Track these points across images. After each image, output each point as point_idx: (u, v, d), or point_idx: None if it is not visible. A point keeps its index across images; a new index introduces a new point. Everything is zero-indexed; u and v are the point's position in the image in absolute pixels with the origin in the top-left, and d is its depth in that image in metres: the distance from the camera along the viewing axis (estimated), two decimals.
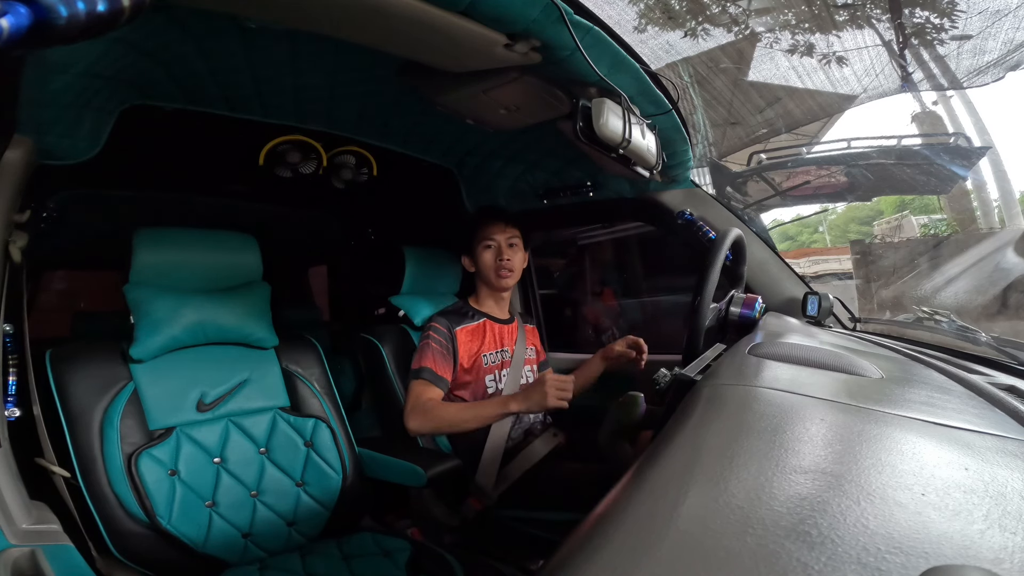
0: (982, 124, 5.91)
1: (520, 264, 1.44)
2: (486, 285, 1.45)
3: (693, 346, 0.80)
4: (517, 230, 1.44)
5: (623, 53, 0.87)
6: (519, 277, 1.46)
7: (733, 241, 0.93)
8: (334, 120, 1.30)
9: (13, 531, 0.69)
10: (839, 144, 4.68)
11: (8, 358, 0.82)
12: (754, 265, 1.35)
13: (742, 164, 4.46)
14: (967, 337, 0.97)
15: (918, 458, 0.31)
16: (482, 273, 1.43)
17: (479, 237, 1.42)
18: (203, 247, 1.14)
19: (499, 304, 1.48)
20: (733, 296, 0.99)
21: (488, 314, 1.44)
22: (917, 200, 9.69)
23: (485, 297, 1.47)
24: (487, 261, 1.41)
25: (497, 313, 1.47)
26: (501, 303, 1.48)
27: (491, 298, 1.46)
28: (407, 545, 1.03)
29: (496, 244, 1.41)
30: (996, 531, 0.22)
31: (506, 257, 1.39)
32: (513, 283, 1.44)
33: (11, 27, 0.33)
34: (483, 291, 1.47)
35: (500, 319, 1.46)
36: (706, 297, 0.82)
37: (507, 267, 1.40)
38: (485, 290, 1.46)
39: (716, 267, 0.84)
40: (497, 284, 1.42)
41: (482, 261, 1.42)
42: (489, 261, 1.41)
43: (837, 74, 5.33)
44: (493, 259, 1.40)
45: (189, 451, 1.02)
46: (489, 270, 1.41)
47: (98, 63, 0.85)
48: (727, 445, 0.32)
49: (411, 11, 0.69)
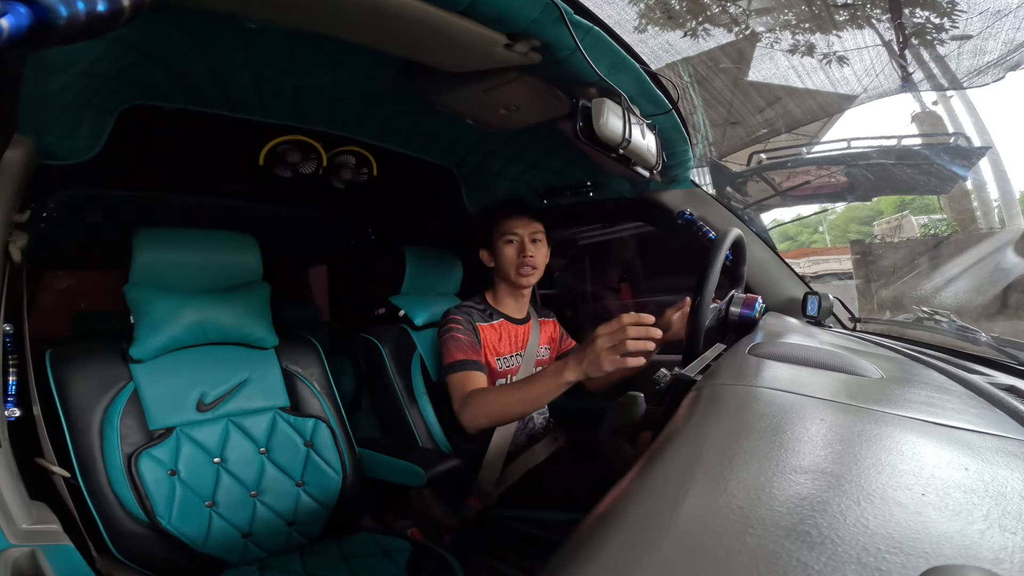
0: (982, 124, 5.91)
1: (543, 261, 1.36)
2: (505, 282, 1.37)
3: (693, 346, 0.80)
4: (541, 224, 1.36)
5: (623, 53, 0.87)
6: (541, 275, 1.38)
7: (733, 241, 0.93)
8: (334, 120, 1.30)
9: (13, 531, 0.69)
10: (839, 144, 4.68)
11: (8, 358, 0.82)
12: (754, 265, 1.35)
13: (742, 164, 4.45)
14: (967, 337, 0.97)
15: (918, 458, 0.31)
16: (502, 269, 1.35)
17: (500, 231, 1.33)
18: (203, 247, 1.14)
19: (518, 302, 1.40)
20: (733, 296, 0.99)
21: (505, 314, 1.38)
22: (917, 200, 9.69)
23: (504, 295, 1.39)
24: (509, 257, 1.33)
25: (514, 313, 1.40)
26: (520, 301, 1.40)
27: (510, 296, 1.39)
28: (407, 545, 1.03)
29: (519, 239, 1.32)
30: (996, 531, 0.22)
31: (529, 253, 1.31)
32: (535, 281, 1.37)
33: (11, 27, 0.33)
34: (502, 288, 1.39)
35: (517, 319, 1.39)
36: (706, 297, 0.82)
37: (530, 264, 1.31)
38: (504, 287, 1.38)
39: (716, 267, 0.84)
40: (518, 282, 1.34)
41: (503, 257, 1.33)
42: (511, 257, 1.32)
43: (837, 74, 5.33)
44: (515, 255, 1.32)
45: (189, 451, 1.02)
46: (510, 267, 1.33)
47: (98, 63, 0.85)
48: (727, 445, 0.32)
49: (411, 11, 0.69)
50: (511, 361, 1.34)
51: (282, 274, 2.92)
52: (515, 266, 1.32)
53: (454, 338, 1.23)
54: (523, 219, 1.34)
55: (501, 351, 1.33)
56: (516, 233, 1.33)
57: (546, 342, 1.44)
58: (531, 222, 1.35)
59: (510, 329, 1.36)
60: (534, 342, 1.39)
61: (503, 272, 1.35)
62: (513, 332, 1.37)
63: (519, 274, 1.32)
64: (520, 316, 1.40)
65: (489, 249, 1.37)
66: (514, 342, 1.36)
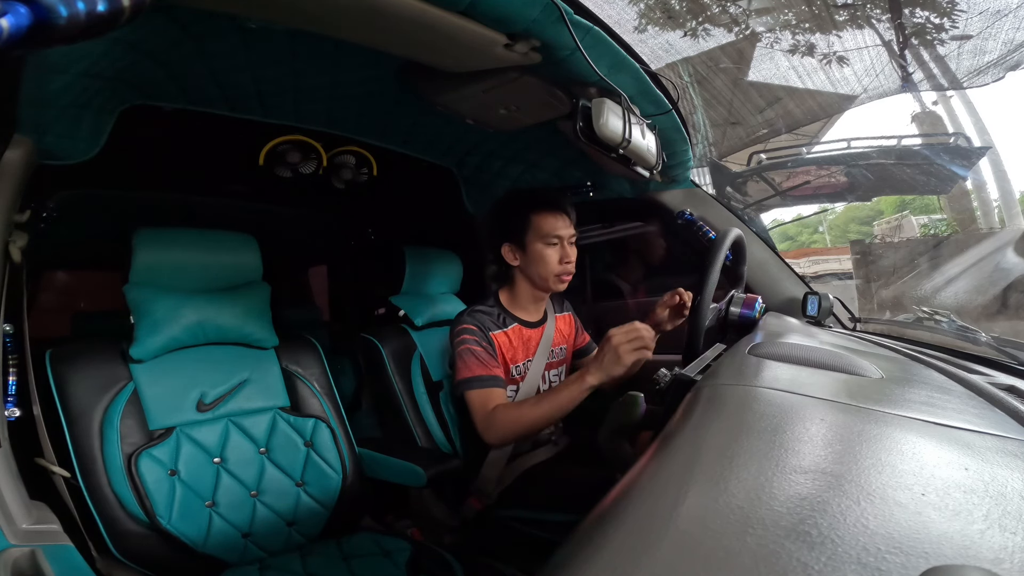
0: (982, 124, 5.91)
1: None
2: (533, 285, 1.25)
3: (693, 346, 0.80)
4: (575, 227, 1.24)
5: (623, 53, 0.87)
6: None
7: (733, 241, 0.93)
8: (334, 120, 1.30)
9: (13, 531, 0.69)
10: (839, 144, 4.68)
11: (8, 358, 0.82)
12: (754, 265, 1.35)
13: (742, 164, 4.45)
14: (967, 337, 0.97)
15: (918, 458, 0.31)
16: (536, 272, 1.21)
17: (540, 230, 1.19)
18: (203, 247, 1.14)
19: (536, 305, 1.29)
20: (733, 296, 0.99)
21: (520, 318, 1.26)
22: (917, 200, 9.69)
23: (524, 297, 1.27)
24: (550, 261, 1.19)
25: (530, 316, 1.29)
26: (539, 303, 1.29)
27: (530, 298, 1.27)
28: (407, 545, 1.03)
29: (561, 242, 1.19)
30: (996, 531, 0.22)
31: (570, 258, 1.20)
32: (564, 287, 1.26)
33: (11, 27, 0.33)
34: (524, 290, 1.26)
35: (531, 322, 1.28)
36: (706, 297, 0.82)
37: (569, 271, 1.20)
38: (527, 289, 1.26)
39: (716, 267, 0.84)
40: (555, 287, 1.23)
41: (542, 259, 1.19)
42: (552, 261, 1.19)
43: (837, 74, 5.33)
44: (557, 260, 1.19)
45: (189, 451, 1.02)
46: (549, 272, 1.20)
47: (98, 63, 0.85)
48: (727, 445, 0.32)
49: (411, 11, 0.69)
50: (521, 369, 1.26)
51: (282, 274, 2.92)
52: (555, 273, 1.20)
53: (470, 351, 1.15)
54: (565, 219, 1.21)
55: (515, 359, 1.24)
56: (559, 235, 1.19)
57: (561, 341, 1.34)
58: (571, 223, 1.22)
59: (523, 334, 1.27)
60: (546, 344, 1.29)
61: (537, 275, 1.22)
62: (526, 337, 1.27)
63: (559, 280, 1.21)
64: (535, 319, 1.30)
65: (519, 245, 1.22)
66: (526, 348, 1.27)
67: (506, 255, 1.24)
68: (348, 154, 1.49)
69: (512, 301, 1.28)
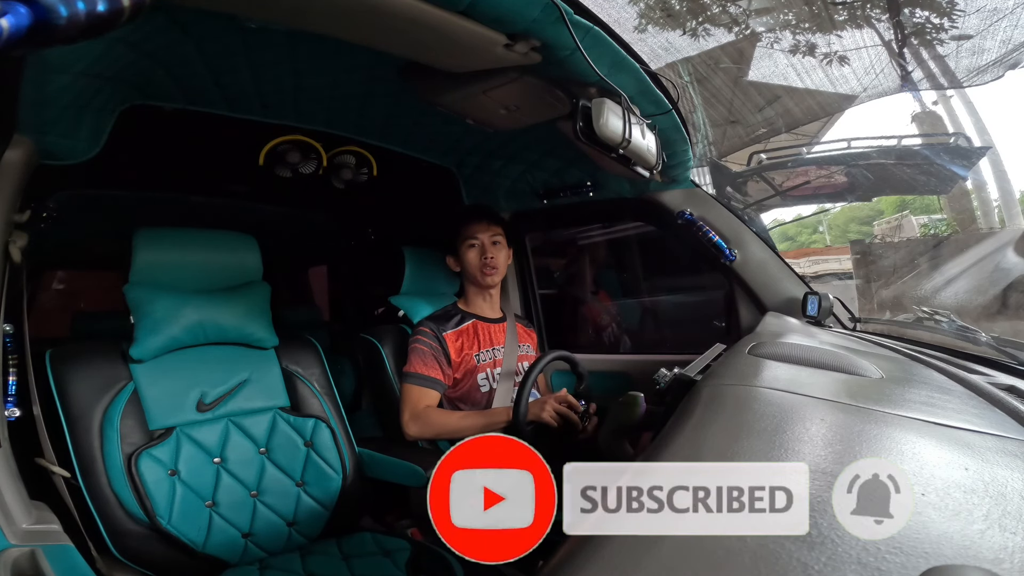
0: (982, 124, 5.91)
1: (504, 261, 1.45)
2: (473, 284, 1.47)
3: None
4: (500, 228, 1.45)
5: (623, 53, 0.87)
6: (504, 274, 1.48)
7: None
8: (334, 120, 1.30)
9: (13, 531, 0.69)
10: (839, 144, 4.68)
11: (8, 358, 0.82)
12: (754, 265, 1.35)
13: (742, 164, 4.45)
14: (967, 337, 0.97)
15: (918, 458, 0.31)
16: (467, 272, 1.44)
17: (463, 236, 1.43)
18: (203, 247, 1.14)
19: (489, 302, 1.48)
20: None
21: (477, 314, 1.45)
22: (917, 200, 9.68)
23: (474, 296, 1.48)
24: (472, 260, 1.42)
25: (487, 312, 1.48)
26: (490, 301, 1.49)
27: (479, 297, 1.47)
28: (407, 545, 1.03)
29: (480, 243, 1.42)
30: (996, 531, 0.22)
31: (490, 255, 1.41)
32: (498, 280, 1.46)
33: (11, 27, 0.33)
34: (471, 290, 1.48)
35: (490, 318, 1.47)
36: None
37: (491, 265, 1.41)
38: (473, 289, 1.48)
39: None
40: (483, 282, 1.43)
41: (467, 260, 1.43)
42: (474, 260, 1.42)
43: (837, 74, 5.33)
44: (478, 258, 1.41)
45: (189, 451, 1.02)
46: (474, 269, 1.42)
47: (98, 63, 0.85)
48: (727, 445, 0.32)
49: (411, 11, 0.69)
50: (490, 355, 1.42)
51: (282, 274, 2.92)
52: (479, 268, 1.42)
53: (417, 349, 1.33)
54: (482, 223, 1.43)
55: (477, 348, 1.40)
56: (477, 237, 1.42)
57: (526, 340, 1.53)
58: (491, 226, 1.43)
59: (486, 328, 1.44)
60: (512, 337, 1.47)
61: (469, 275, 1.45)
62: (489, 329, 1.45)
63: (483, 274, 1.42)
64: (494, 316, 1.48)
65: (455, 255, 1.45)
66: (490, 338, 1.44)
67: (451, 265, 1.48)
68: (348, 154, 1.49)
69: (467, 302, 1.49)
